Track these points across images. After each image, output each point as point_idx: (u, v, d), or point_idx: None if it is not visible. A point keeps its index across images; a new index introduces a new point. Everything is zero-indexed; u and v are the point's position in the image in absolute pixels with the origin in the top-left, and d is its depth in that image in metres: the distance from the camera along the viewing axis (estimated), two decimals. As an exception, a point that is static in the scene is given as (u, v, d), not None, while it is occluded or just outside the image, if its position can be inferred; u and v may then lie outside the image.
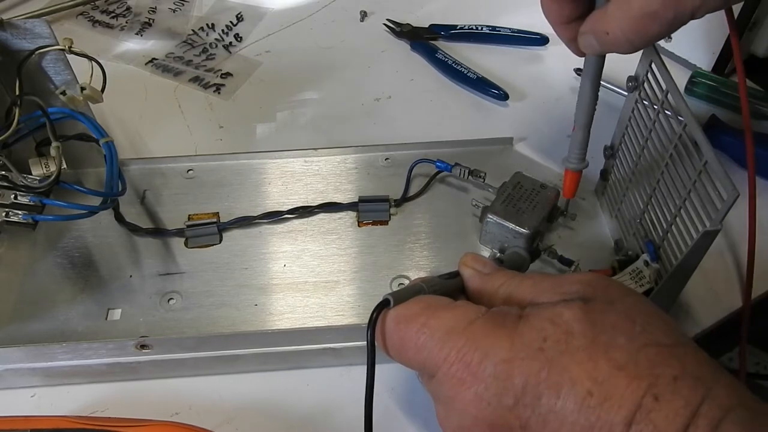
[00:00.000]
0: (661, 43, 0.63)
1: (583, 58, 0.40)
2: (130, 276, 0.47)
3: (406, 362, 0.33)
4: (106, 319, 0.44)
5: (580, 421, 0.27)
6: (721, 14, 0.37)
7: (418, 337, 0.32)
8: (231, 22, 0.71)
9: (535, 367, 0.29)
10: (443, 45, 0.67)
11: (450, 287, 0.36)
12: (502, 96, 0.61)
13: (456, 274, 0.37)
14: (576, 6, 0.36)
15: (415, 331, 0.32)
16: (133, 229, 0.49)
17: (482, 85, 0.62)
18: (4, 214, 0.42)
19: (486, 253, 0.48)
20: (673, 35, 0.62)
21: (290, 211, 0.50)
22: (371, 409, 0.34)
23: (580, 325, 0.29)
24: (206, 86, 0.64)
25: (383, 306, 0.34)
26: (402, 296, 0.34)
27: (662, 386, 0.27)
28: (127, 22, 0.71)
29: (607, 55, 0.39)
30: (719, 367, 0.28)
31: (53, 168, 0.42)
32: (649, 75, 0.42)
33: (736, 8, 0.56)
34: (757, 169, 0.51)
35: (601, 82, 0.59)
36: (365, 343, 0.42)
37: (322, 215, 0.50)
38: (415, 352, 0.32)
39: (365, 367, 0.34)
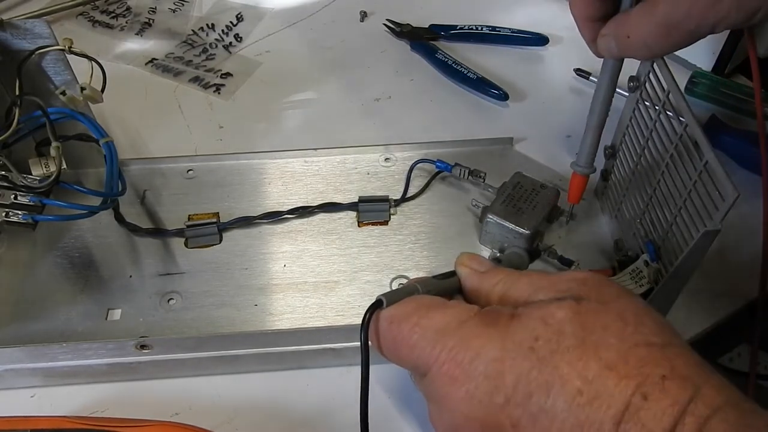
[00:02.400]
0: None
1: (597, 59, 0.40)
2: (130, 276, 0.47)
3: (400, 362, 0.34)
4: (106, 319, 0.44)
5: (569, 419, 0.27)
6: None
7: (411, 336, 0.32)
8: (231, 22, 0.71)
9: (525, 367, 0.29)
10: (443, 45, 0.67)
11: (445, 287, 0.36)
12: (502, 96, 0.61)
13: (452, 274, 0.37)
14: (603, 5, 0.36)
15: (408, 331, 0.32)
16: (133, 229, 0.49)
17: (482, 85, 0.62)
18: (4, 214, 0.42)
19: (486, 253, 0.48)
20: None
21: (290, 211, 0.50)
22: (366, 408, 0.34)
23: (572, 326, 0.29)
24: (206, 86, 0.64)
25: (376, 306, 0.34)
26: (395, 297, 0.34)
27: (651, 385, 0.27)
28: (127, 22, 0.71)
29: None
30: (709, 367, 0.28)
31: (53, 168, 0.42)
32: (651, 75, 0.42)
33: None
34: (758, 169, 0.51)
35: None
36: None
37: (322, 215, 0.50)
38: (408, 351, 0.32)
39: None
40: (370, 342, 0.34)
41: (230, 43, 0.69)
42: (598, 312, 0.30)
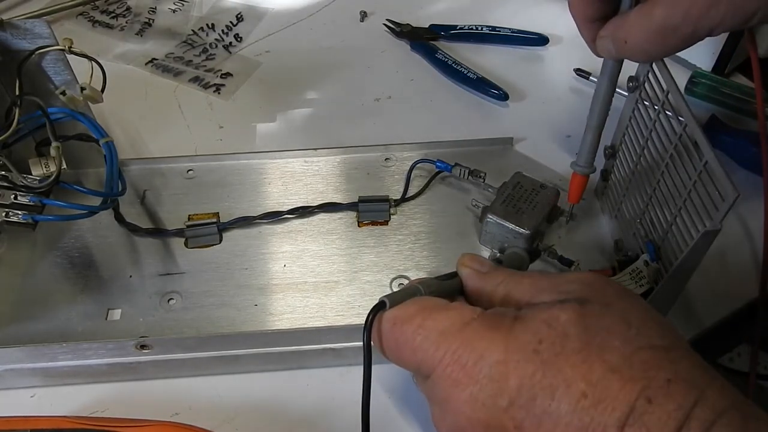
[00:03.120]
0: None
1: (597, 59, 0.40)
2: (130, 276, 0.47)
3: (402, 363, 0.34)
4: (106, 319, 0.44)
5: (574, 422, 0.27)
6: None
7: (414, 338, 0.32)
8: (231, 22, 0.71)
9: (529, 369, 0.29)
10: (443, 45, 0.67)
11: (447, 288, 0.36)
12: (502, 96, 0.61)
13: (454, 275, 0.37)
14: (602, 6, 0.36)
15: (411, 333, 0.32)
16: (133, 229, 0.49)
17: (482, 85, 0.62)
18: (4, 214, 0.42)
19: (486, 253, 0.48)
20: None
21: (290, 211, 0.50)
22: (368, 410, 0.34)
23: (576, 328, 0.29)
24: (206, 86, 0.64)
25: (379, 308, 0.34)
26: (398, 298, 0.34)
27: (655, 389, 0.27)
28: (127, 22, 0.71)
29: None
30: (712, 371, 0.28)
31: (53, 168, 0.42)
32: (650, 75, 0.42)
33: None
34: (758, 169, 0.52)
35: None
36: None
37: (322, 215, 0.50)
38: (411, 353, 0.32)
39: (365, 367, 0.34)
40: (372, 343, 0.34)
41: (230, 43, 0.69)
42: (602, 314, 0.30)
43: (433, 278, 0.36)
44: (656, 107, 0.41)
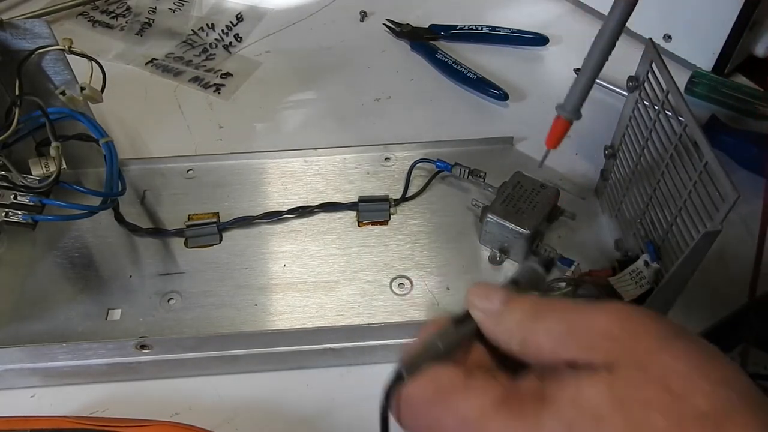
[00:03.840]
0: (661, 43, 0.63)
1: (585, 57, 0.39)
2: (130, 276, 0.47)
3: None
4: (106, 319, 0.44)
5: None
6: (723, 14, 0.36)
7: (431, 426, 0.29)
8: (231, 22, 0.71)
9: None
10: (443, 45, 0.67)
11: (464, 334, 0.33)
12: (502, 96, 0.61)
13: (467, 316, 0.34)
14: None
15: (428, 419, 0.29)
16: (133, 229, 0.49)
17: (482, 85, 0.62)
18: (4, 214, 0.42)
19: (486, 253, 0.48)
20: (672, 35, 0.62)
21: (290, 211, 0.50)
22: None
23: (608, 408, 0.26)
24: (206, 86, 0.64)
25: (396, 382, 0.30)
26: (415, 362, 0.31)
27: None
28: (127, 22, 0.71)
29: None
30: None
31: (53, 168, 0.42)
32: (650, 75, 0.42)
33: (736, 9, 0.56)
34: (758, 169, 0.52)
35: (602, 83, 0.59)
36: (365, 343, 0.42)
37: (322, 215, 0.50)
38: None
39: (365, 367, 0.33)
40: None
41: (230, 43, 0.69)
42: (638, 385, 0.26)
43: (450, 324, 0.32)
44: (656, 107, 0.41)
